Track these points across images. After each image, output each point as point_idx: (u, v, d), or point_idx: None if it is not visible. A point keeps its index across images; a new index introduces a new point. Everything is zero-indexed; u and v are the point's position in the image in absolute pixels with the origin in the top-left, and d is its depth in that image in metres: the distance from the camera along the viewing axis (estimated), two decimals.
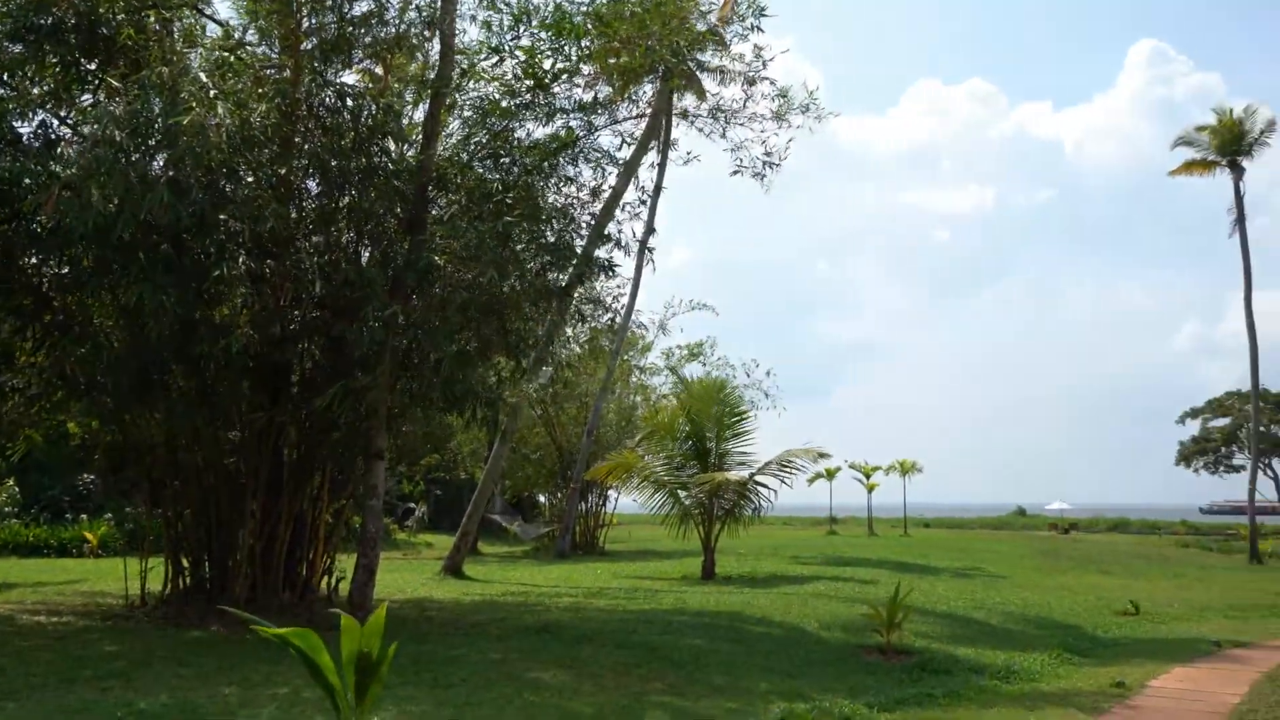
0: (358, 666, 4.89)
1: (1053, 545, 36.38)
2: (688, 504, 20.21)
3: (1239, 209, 36.30)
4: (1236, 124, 36.10)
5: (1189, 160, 37.44)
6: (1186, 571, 26.43)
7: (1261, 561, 31.77)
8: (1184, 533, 53.39)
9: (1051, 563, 27.45)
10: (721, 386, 22.52)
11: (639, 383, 35.63)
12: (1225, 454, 62.40)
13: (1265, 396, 55.15)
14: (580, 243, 15.26)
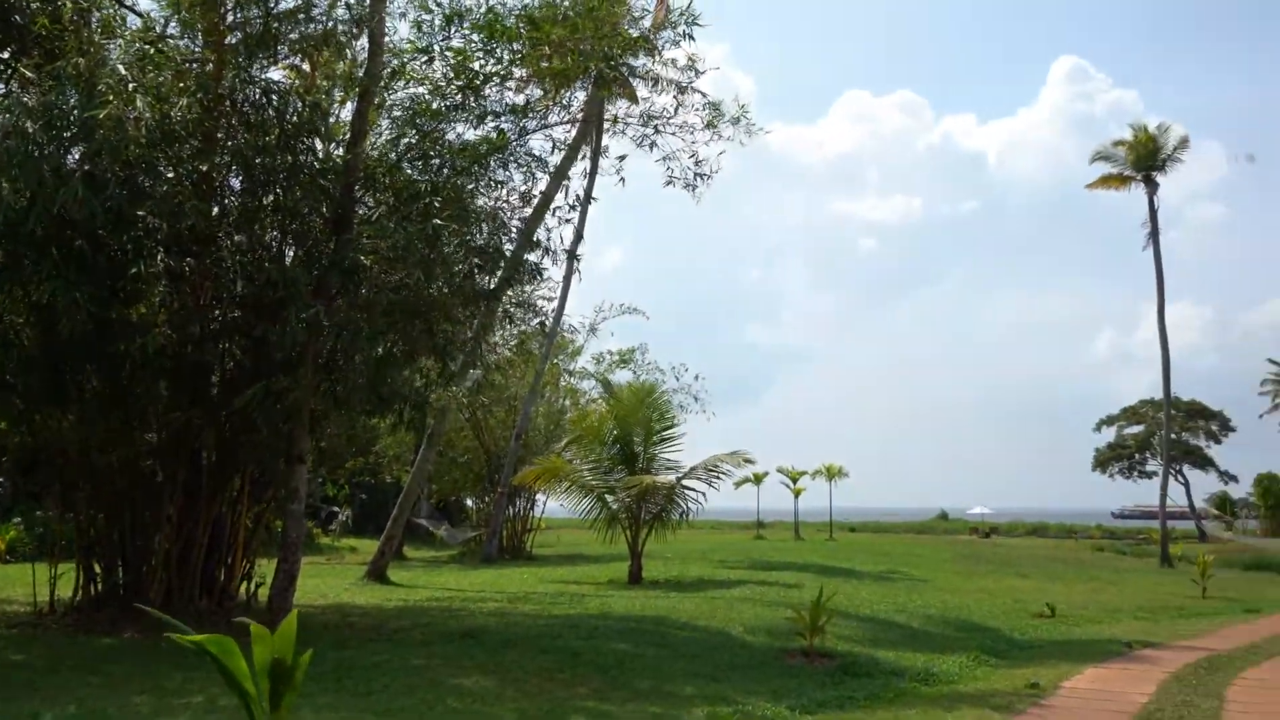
0: (272, 674, 4.80)
1: (973, 549, 37.12)
2: (615, 508, 20.21)
3: (1153, 223, 37.47)
4: (1151, 140, 37.26)
5: (1106, 175, 38.54)
6: (1100, 575, 27.15)
7: (1172, 565, 32.76)
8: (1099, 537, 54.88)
9: (972, 566, 27.99)
10: (650, 391, 22.56)
11: (568, 386, 35.58)
12: (1139, 460, 64.19)
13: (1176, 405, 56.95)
14: (509, 247, 15.18)
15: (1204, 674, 11.24)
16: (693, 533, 48.39)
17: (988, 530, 60.07)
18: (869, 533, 58.01)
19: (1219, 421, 61.81)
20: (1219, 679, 10.91)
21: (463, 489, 36.35)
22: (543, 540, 36.97)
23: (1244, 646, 13.76)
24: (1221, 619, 17.53)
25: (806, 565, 24.98)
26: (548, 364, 30.69)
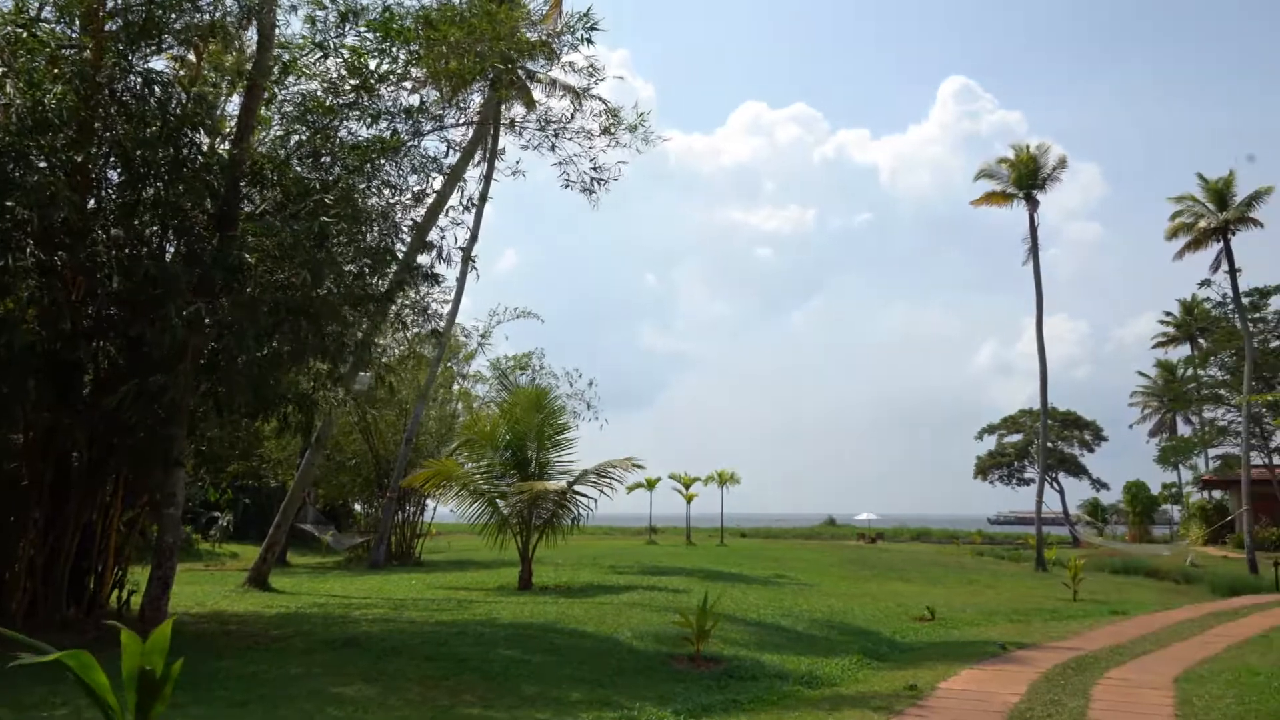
0: (139, 685, 4.66)
1: (859, 554, 37.95)
2: (506, 513, 20.07)
3: (1033, 239, 38.93)
4: (1032, 160, 38.74)
5: (990, 192, 39.90)
6: (979, 578, 28.02)
7: (1046, 569, 34.01)
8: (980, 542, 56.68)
9: (857, 571, 28.61)
10: (544, 396, 22.48)
11: (462, 390, 35.24)
12: (1018, 468, 66.43)
13: (1053, 415, 59.29)
14: (401, 248, 14.98)
15: (1072, 674, 11.69)
16: (585, 538, 48.37)
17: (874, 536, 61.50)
18: (759, 538, 58.83)
19: (1092, 431, 64.45)
20: (1086, 678, 11.37)
21: (350, 493, 35.66)
22: (433, 546, 36.52)
23: (1110, 647, 14.35)
24: (1090, 621, 18.24)
25: (697, 570, 25.18)
26: (440, 368, 30.37)
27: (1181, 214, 40.38)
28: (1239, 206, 38.87)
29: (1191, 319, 63.85)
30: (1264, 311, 45.28)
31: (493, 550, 22.28)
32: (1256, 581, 30.49)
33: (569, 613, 14.97)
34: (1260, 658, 13.22)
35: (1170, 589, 29.25)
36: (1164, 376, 69.36)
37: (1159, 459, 59.44)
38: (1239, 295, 40.47)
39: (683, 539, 50.85)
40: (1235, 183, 39.39)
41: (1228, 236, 39.21)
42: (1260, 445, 46.01)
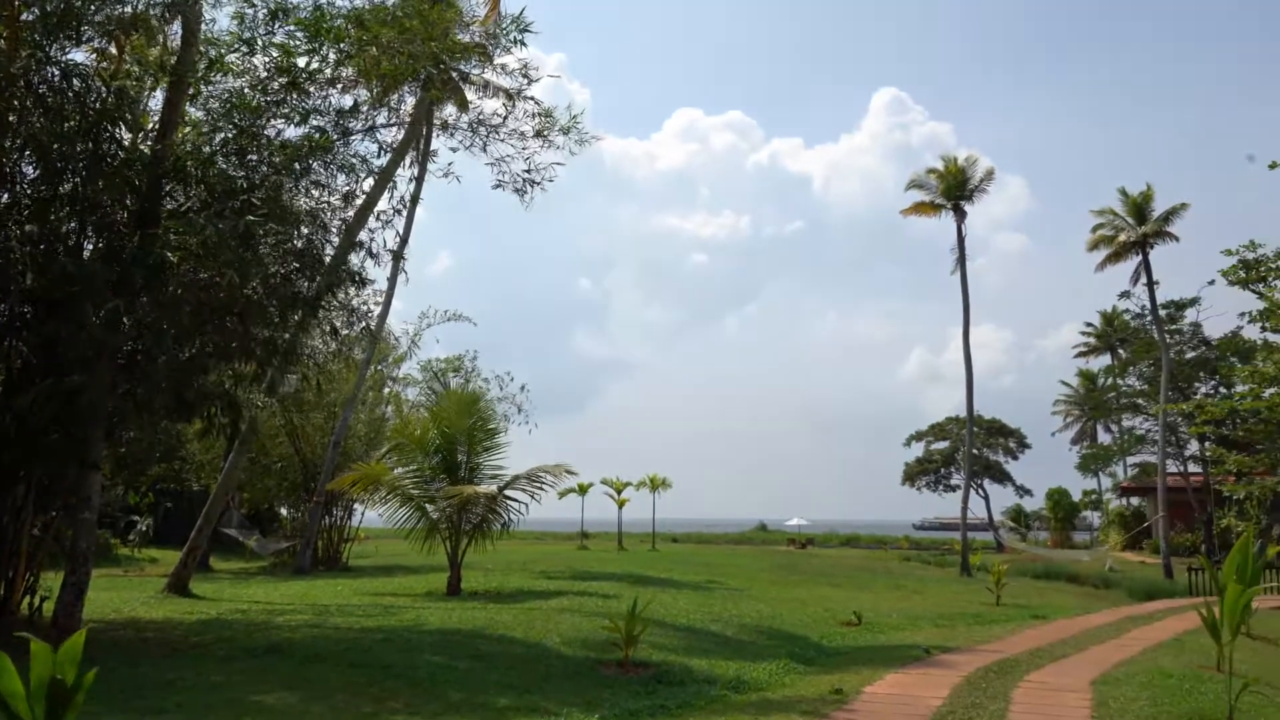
0: (49, 695, 4.53)
1: (790, 559, 38.25)
2: (435, 518, 19.88)
3: (960, 249, 39.68)
4: (960, 171, 39.50)
5: (919, 202, 40.58)
6: (906, 583, 28.42)
7: (971, 574, 34.63)
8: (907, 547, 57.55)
9: (787, 576, 28.83)
10: (475, 400, 22.34)
11: (392, 393, 34.86)
12: (944, 474, 67.53)
13: (979, 422, 60.38)
14: (330, 249, 14.77)
15: (994, 677, 11.91)
16: (516, 543, 48.12)
17: (804, 541, 62.10)
18: (691, 543, 59.02)
19: (1016, 439, 65.83)
20: (1006, 682, 11.59)
21: (276, 497, 35.03)
22: (360, 551, 36.03)
23: (1031, 650, 14.65)
24: (1012, 625, 18.60)
25: (628, 575, 25.18)
26: (370, 370, 30.01)
27: (1102, 227, 41.47)
28: (1157, 221, 40.06)
29: (1111, 330, 65.55)
30: (1180, 323, 46.56)
31: (421, 555, 22.05)
32: (1171, 586, 31.40)
33: (497, 618, 14.87)
34: (1173, 660, 13.60)
35: (1089, 593, 29.98)
36: (1085, 385, 71.03)
37: (1080, 466, 61.00)
38: (1156, 307, 41.66)
39: (614, 544, 50.82)
40: (1154, 198, 40.60)
41: (1146, 250, 40.37)
42: (1175, 453, 47.36)
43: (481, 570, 24.45)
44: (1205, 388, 46.22)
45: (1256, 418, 36.69)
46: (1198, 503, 44.72)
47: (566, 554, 38.92)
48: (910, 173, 41.75)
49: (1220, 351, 44.78)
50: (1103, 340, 68.65)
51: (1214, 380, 45.75)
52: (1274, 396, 35.77)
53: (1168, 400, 40.51)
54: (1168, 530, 40.24)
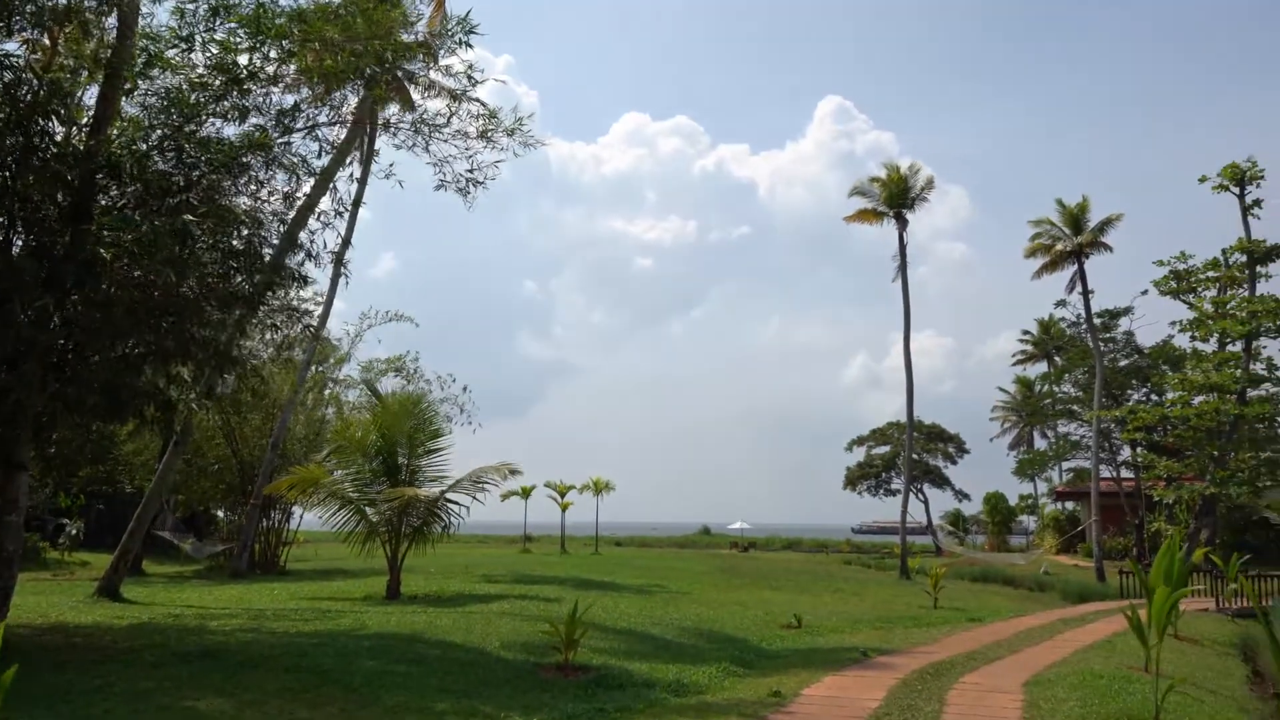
0: None
1: (732, 562, 38.46)
2: (375, 521, 19.70)
3: (902, 257, 40.20)
4: (903, 179, 40.03)
5: (862, 209, 41.03)
6: (846, 587, 28.71)
7: (909, 577, 35.08)
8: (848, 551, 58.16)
9: (729, 579, 28.99)
10: (417, 401, 22.20)
11: (333, 394, 34.45)
12: (885, 478, 68.33)
13: (919, 428, 61.27)
14: (270, 250, 14.56)
15: (929, 679, 12.08)
16: (458, 547, 47.87)
17: (746, 545, 62.50)
18: (634, 547, 59.11)
19: (955, 444, 66.82)
20: (942, 683, 11.76)
21: (213, 500, 34.43)
22: (299, 555, 35.58)
23: (966, 653, 14.87)
24: (949, 627, 18.87)
25: (570, 579, 25.16)
26: (310, 372, 29.65)
27: (1040, 236, 42.23)
28: (1092, 231, 40.89)
29: (1048, 337, 66.76)
30: (1114, 332, 47.66)
31: (361, 559, 21.85)
32: (1103, 589, 32.04)
33: (437, 622, 14.77)
34: (1103, 661, 13.89)
35: (1025, 596, 30.51)
36: (1022, 392, 72.32)
37: (1016, 471, 61.83)
38: (1091, 316, 42.50)
39: (557, 548, 50.73)
40: (1089, 208, 41.43)
41: (1081, 259, 41.19)
42: (1109, 459, 48.39)
43: (422, 574, 24.28)
44: (1138, 395, 47.33)
45: (1186, 424, 37.60)
46: (1130, 507, 45.72)
47: (509, 557, 38.79)
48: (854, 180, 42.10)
49: (1152, 360, 45.86)
50: (1040, 348, 69.91)
51: (1146, 387, 46.87)
52: (1203, 404, 36.76)
53: (1101, 407, 41.37)
54: (1101, 534, 41.05)
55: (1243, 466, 36.63)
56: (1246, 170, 37.02)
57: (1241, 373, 35.74)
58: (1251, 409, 35.36)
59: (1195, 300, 38.20)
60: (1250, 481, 35.86)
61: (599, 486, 53.41)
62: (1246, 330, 35.63)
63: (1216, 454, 36.15)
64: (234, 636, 13.10)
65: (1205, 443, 36.89)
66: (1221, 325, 36.38)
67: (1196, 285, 38.17)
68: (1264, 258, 36.96)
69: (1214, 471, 35.75)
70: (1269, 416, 36.85)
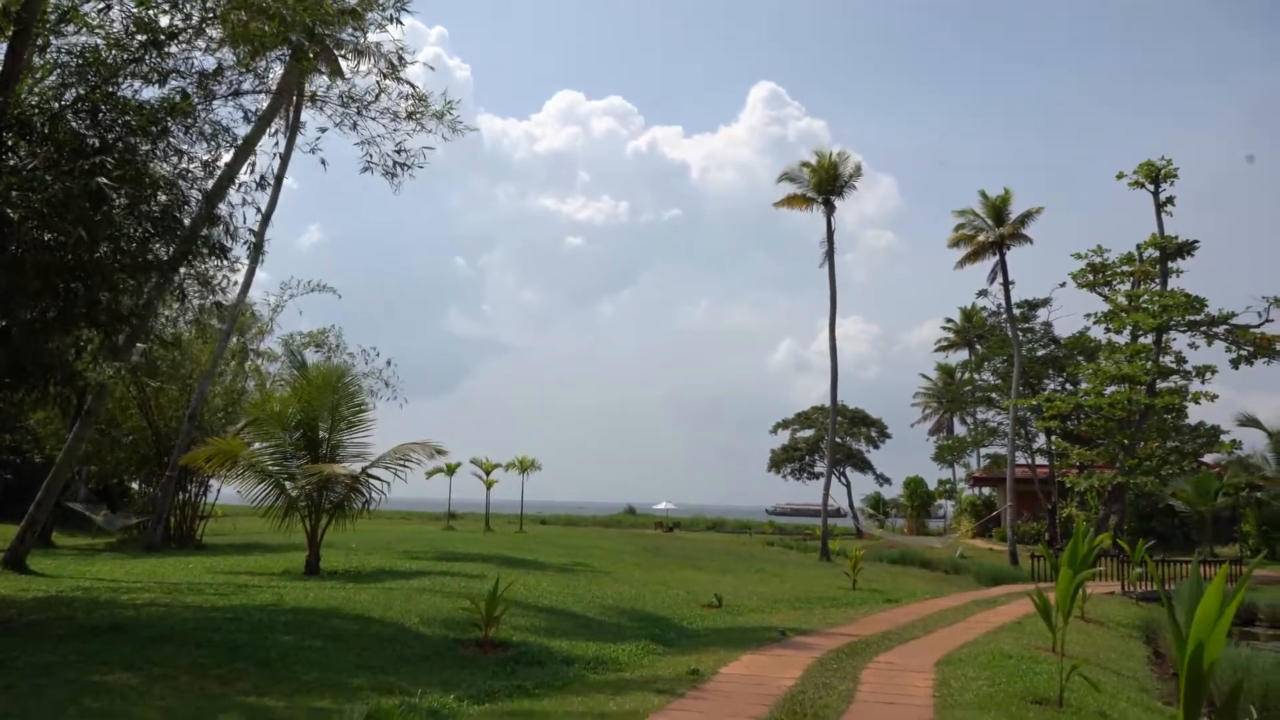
0: None
1: (656, 542, 38.69)
2: (294, 495, 19.40)
3: (830, 243, 40.64)
4: (832, 166, 40.39)
5: (791, 195, 41.30)
6: (767, 568, 29.10)
7: (830, 559, 35.63)
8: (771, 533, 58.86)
9: (653, 559, 29.17)
10: (340, 374, 21.82)
11: (253, 366, 33.77)
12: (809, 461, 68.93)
13: (843, 412, 62.03)
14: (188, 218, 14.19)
15: (844, 658, 12.32)
16: (380, 523, 47.43)
17: (671, 525, 62.92)
18: (559, 525, 59.18)
19: (878, 429, 67.66)
20: (856, 663, 12.00)
21: (127, 471, 33.58)
22: (216, 528, 34.95)
23: (882, 633, 15.20)
24: (866, 608, 19.25)
25: (493, 557, 25.08)
26: (229, 342, 29.03)
27: (963, 226, 42.87)
28: (1014, 223, 41.65)
29: (970, 326, 68.03)
30: (1032, 322, 48.66)
31: (280, 534, 21.50)
32: (1016, 572, 32.89)
33: (355, 598, 14.63)
34: (1013, 642, 14.29)
35: (941, 578, 31.22)
36: (944, 379, 73.55)
37: (936, 457, 63.02)
38: (1010, 306, 43.35)
39: (482, 525, 50.52)
40: (1011, 200, 42.17)
41: (1003, 250, 41.95)
42: (1024, 446, 49.57)
43: (342, 550, 24.02)
44: (1053, 384, 48.44)
45: (1098, 414, 38.75)
46: (1044, 493, 46.90)
47: (432, 534, 38.54)
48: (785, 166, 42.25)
49: (1068, 350, 46.99)
50: (961, 336, 71.20)
51: (1062, 377, 48.01)
52: (1115, 394, 37.89)
53: (1019, 395, 42.31)
54: (1015, 519, 42.10)
55: (1151, 456, 37.87)
56: (1161, 168, 38.17)
57: (1152, 364, 36.85)
58: (1160, 400, 36.54)
59: (1110, 293, 39.28)
60: (1156, 470, 37.08)
61: (525, 465, 53.20)
62: (1158, 323, 36.76)
63: (1126, 443, 37.29)
64: (145, 610, 12.82)
65: (1116, 432, 38.02)
66: (1134, 318, 37.46)
67: (1112, 279, 39.24)
68: (1175, 253, 38.18)
69: (1123, 460, 36.88)
70: (1176, 407, 38.08)
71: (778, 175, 42.06)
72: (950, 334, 73.30)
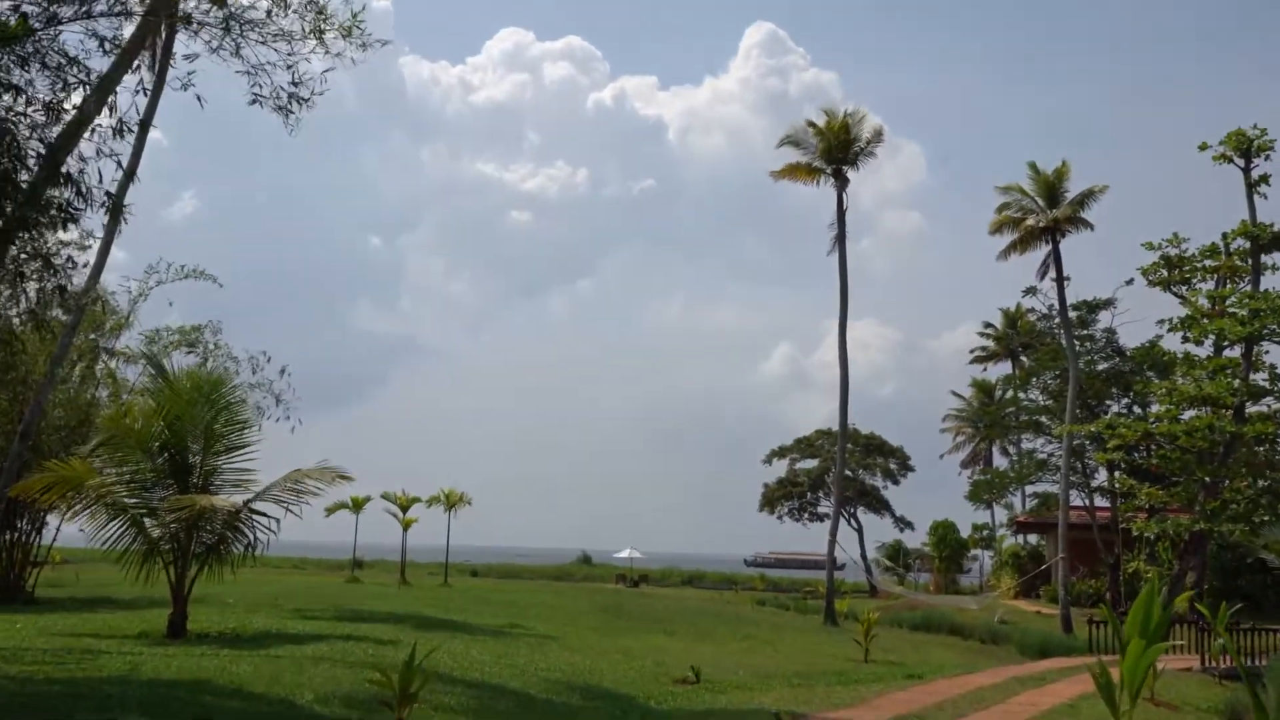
0: None
1: (616, 600, 38.62)
2: (157, 536, 19.22)
3: (840, 225, 40.75)
4: (845, 128, 40.51)
5: (793, 163, 41.41)
6: (758, 633, 29.12)
7: (836, 623, 35.69)
8: (762, 588, 59.07)
9: (613, 621, 29.11)
10: (217, 384, 21.67)
11: (107, 371, 33.40)
12: (811, 499, 69.09)
13: (855, 438, 62.16)
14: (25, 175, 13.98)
15: None
16: (268, 572, 47.12)
17: (637, 578, 62.94)
18: (494, 577, 59.14)
19: (898, 459, 68.00)
20: None
21: None
22: (53, 578, 34.64)
23: (898, 717, 15.19)
24: (880, 686, 19.24)
25: (410, 616, 24.98)
26: (77, 339, 28.68)
27: (1008, 207, 43.00)
28: (1071, 203, 41.77)
29: (1014, 332, 68.53)
30: (1092, 328, 48.57)
31: (137, 585, 21.22)
32: (1070, 641, 33.02)
33: (233, 669, 14.49)
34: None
35: (975, 649, 31.37)
36: (980, 398, 74.05)
37: (971, 495, 62.94)
38: (1066, 308, 43.42)
39: (396, 576, 50.28)
40: (1069, 175, 42.27)
41: (1057, 238, 42.14)
42: (1081, 483, 49.75)
43: (217, 606, 23.85)
44: (1118, 406, 48.75)
45: (1173, 444, 38.85)
46: (1104, 543, 47.19)
47: (333, 587, 38.34)
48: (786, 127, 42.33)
49: (1136, 363, 47.14)
50: (1003, 345, 71.78)
51: (1128, 398, 48.30)
52: (1194, 420, 38.04)
53: (1075, 419, 42.40)
54: (1069, 575, 42.28)
55: (1238, 497, 38.01)
56: (1255, 139, 38.25)
57: (1240, 383, 36.95)
58: (1250, 428, 36.58)
59: (1189, 293, 39.50)
60: (1246, 516, 37.25)
61: (452, 500, 53.01)
62: (1247, 332, 36.76)
63: (1208, 481, 37.41)
64: None
65: (1195, 466, 38.13)
66: (1219, 325, 37.62)
67: (1191, 275, 39.38)
68: (1271, 244, 38.28)
69: (1204, 502, 37.00)
70: (1270, 437, 38.21)
71: (777, 139, 42.19)
72: (989, 342, 73.93)
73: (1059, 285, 42.52)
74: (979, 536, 68.36)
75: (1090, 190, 41.98)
